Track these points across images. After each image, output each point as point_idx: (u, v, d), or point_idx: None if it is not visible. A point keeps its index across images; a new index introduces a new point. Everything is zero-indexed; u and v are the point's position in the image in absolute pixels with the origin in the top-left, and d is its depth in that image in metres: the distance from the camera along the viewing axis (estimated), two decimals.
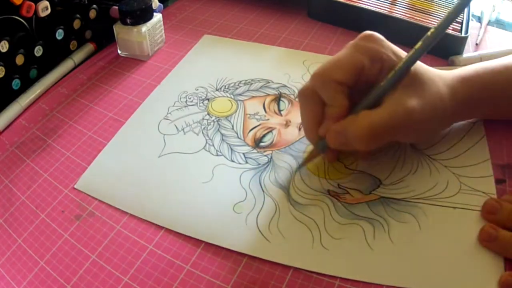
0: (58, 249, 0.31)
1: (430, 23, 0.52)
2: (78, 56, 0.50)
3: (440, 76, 0.33)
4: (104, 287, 0.28)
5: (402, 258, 0.29)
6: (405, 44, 0.52)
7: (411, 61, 0.31)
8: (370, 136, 0.29)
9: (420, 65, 0.32)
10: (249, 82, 0.46)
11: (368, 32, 0.32)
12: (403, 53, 0.32)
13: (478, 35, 0.54)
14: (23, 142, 0.40)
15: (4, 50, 0.40)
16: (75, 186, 0.35)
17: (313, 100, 0.32)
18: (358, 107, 0.31)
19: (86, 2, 0.49)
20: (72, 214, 0.33)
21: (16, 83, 0.43)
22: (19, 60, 0.42)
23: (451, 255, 0.29)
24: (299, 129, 0.40)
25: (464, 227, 0.31)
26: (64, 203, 0.34)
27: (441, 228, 0.31)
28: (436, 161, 0.36)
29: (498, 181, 0.34)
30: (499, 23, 0.59)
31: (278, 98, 0.43)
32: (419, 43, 0.31)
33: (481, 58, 0.49)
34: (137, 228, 0.32)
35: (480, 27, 0.56)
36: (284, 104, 0.43)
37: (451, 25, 0.47)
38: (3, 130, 0.41)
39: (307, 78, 0.46)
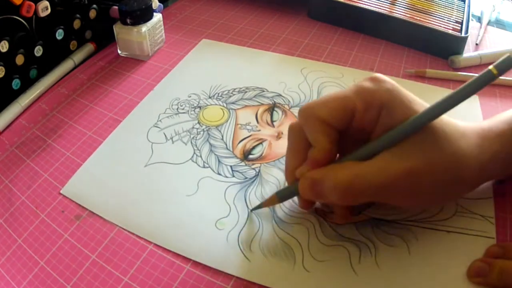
0: (58, 249, 0.31)
1: (430, 23, 0.52)
2: (78, 56, 0.50)
3: (464, 133, 0.28)
4: (104, 287, 0.28)
5: (387, 284, 0.27)
6: (405, 44, 0.53)
7: (422, 121, 0.25)
8: (350, 190, 0.25)
9: (439, 120, 0.26)
10: (243, 90, 0.45)
11: (376, 74, 0.28)
12: (419, 104, 0.27)
13: (478, 35, 0.55)
14: (23, 142, 0.40)
15: (4, 50, 0.40)
16: (61, 192, 0.35)
17: (298, 136, 0.29)
18: (345, 157, 0.27)
19: (86, 2, 0.49)
20: (72, 214, 0.33)
21: (16, 83, 0.43)
22: (19, 60, 0.42)
23: (441, 284, 0.28)
24: None
25: (458, 253, 0.29)
26: (64, 203, 0.34)
27: (432, 253, 0.29)
28: None
29: (498, 181, 0.34)
30: (499, 23, 0.60)
31: (272, 108, 0.42)
32: (439, 101, 0.25)
33: (481, 58, 0.49)
34: None
35: (480, 27, 0.56)
36: (277, 114, 0.41)
37: (451, 25, 0.46)
38: (3, 130, 0.41)
39: (304, 87, 0.45)
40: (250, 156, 0.37)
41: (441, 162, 0.26)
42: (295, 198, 0.33)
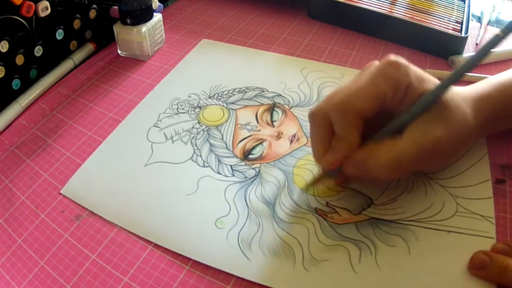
0: (58, 249, 0.31)
1: (430, 23, 0.52)
2: (78, 56, 0.50)
3: (463, 98, 0.31)
4: (104, 287, 0.28)
5: (387, 284, 0.28)
6: (405, 44, 0.53)
7: (440, 92, 0.28)
8: (395, 167, 0.28)
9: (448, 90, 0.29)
10: (243, 90, 0.45)
11: (392, 58, 0.30)
12: (428, 79, 0.30)
13: (478, 35, 0.54)
14: (23, 142, 0.40)
15: (4, 50, 0.40)
16: (61, 192, 0.35)
17: (324, 124, 0.30)
18: (376, 136, 0.29)
19: (86, 2, 0.49)
20: (72, 214, 0.33)
21: (16, 83, 0.43)
22: (19, 60, 0.42)
23: (441, 284, 0.27)
24: (291, 142, 0.38)
25: (457, 253, 0.29)
26: (64, 203, 0.34)
27: (432, 253, 0.29)
28: (433, 180, 0.34)
29: (498, 181, 0.34)
30: (499, 23, 0.59)
31: (271, 108, 0.42)
32: (450, 74, 0.28)
33: None
34: None
35: (480, 27, 0.56)
36: (277, 114, 0.41)
37: (451, 25, 0.46)
38: (3, 130, 0.41)
39: (304, 87, 0.45)
40: (250, 156, 0.37)
41: (458, 128, 0.29)
42: (296, 199, 0.33)
